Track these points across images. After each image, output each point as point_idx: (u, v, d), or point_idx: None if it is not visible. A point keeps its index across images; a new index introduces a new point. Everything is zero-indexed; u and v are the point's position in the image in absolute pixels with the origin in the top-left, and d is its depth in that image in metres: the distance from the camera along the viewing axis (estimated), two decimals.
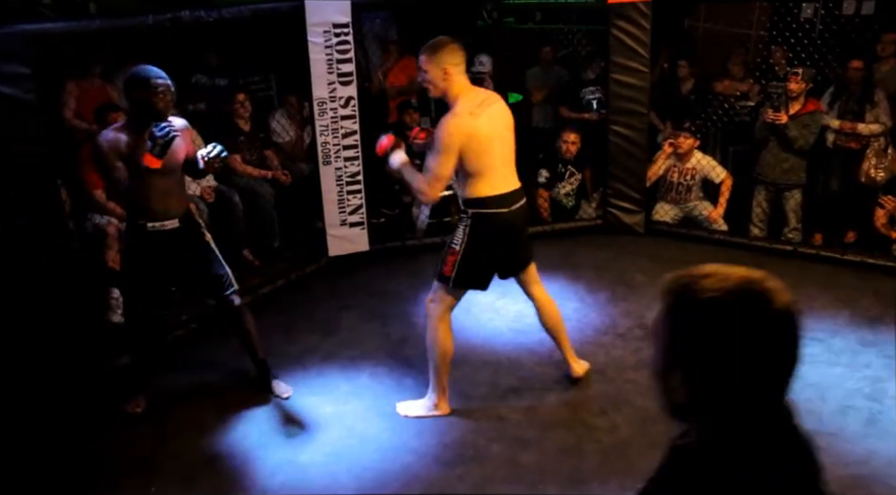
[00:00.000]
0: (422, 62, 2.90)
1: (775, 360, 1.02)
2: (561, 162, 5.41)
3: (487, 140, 2.91)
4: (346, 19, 4.49)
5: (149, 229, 3.10)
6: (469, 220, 2.99)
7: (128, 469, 3.02)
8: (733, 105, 5.45)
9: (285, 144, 5.24)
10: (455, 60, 2.88)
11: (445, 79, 2.87)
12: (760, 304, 1.02)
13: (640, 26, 4.87)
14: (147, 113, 2.98)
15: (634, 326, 4.04)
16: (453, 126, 2.86)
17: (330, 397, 3.46)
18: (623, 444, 3.08)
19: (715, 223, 5.17)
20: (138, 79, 2.99)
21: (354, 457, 3.04)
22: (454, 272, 3.00)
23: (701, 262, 4.10)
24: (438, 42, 2.90)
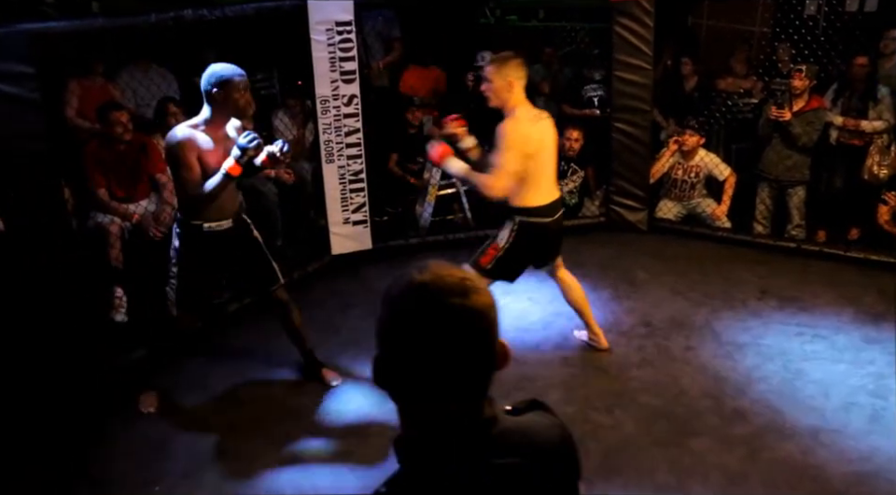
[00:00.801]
0: (488, 72, 3.13)
1: (443, 355, 0.99)
2: (563, 160, 5.39)
3: (539, 149, 3.17)
4: (349, 17, 4.49)
5: (206, 230, 3.09)
6: (515, 226, 3.24)
7: (130, 467, 3.03)
8: (736, 102, 5.45)
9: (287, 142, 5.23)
10: (520, 74, 3.14)
11: (509, 91, 3.11)
12: (430, 301, 0.99)
13: (643, 23, 4.86)
14: (228, 111, 2.96)
15: (637, 324, 4.04)
16: (513, 128, 3.10)
17: (333, 396, 3.46)
18: (626, 441, 3.08)
19: (718, 220, 5.17)
20: (219, 76, 2.93)
21: (358, 457, 3.04)
22: (491, 264, 3.25)
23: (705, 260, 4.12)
24: (506, 56, 3.17)
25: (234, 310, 4.23)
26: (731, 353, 3.71)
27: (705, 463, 2.94)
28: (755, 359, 3.65)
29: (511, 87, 3.11)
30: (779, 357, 3.65)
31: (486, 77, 3.15)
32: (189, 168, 2.90)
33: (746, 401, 3.31)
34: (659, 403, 3.33)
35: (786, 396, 3.34)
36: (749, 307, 4.17)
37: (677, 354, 3.74)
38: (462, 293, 1.00)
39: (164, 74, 5.04)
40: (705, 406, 3.29)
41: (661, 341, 3.86)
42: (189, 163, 2.90)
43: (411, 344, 0.99)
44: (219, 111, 2.96)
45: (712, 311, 4.15)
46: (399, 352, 1.00)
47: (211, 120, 2.97)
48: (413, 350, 0.99)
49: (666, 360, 3.69)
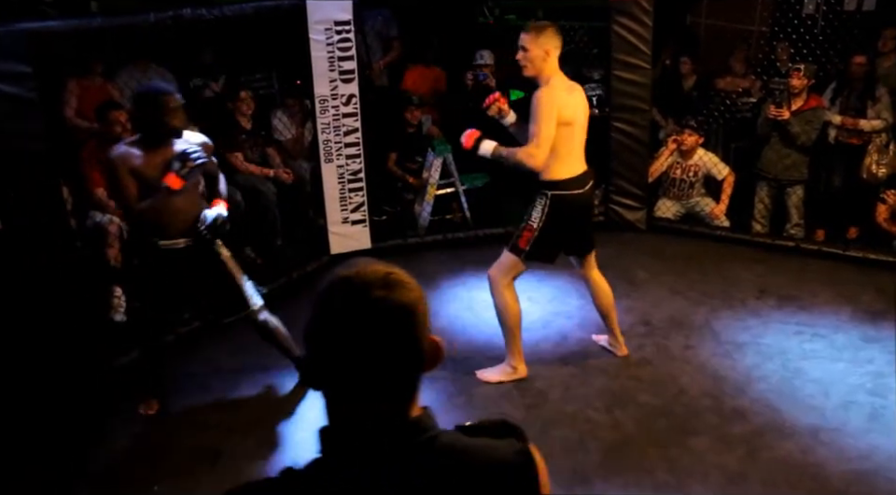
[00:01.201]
0: (525, 40, 3.09)
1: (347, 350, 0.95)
2: None
3: (573, 118, 3.14)
4: (348, 16, 4.49)
5: (161, 247, 3.05)
6: (547, 200, 3.19)
7: (130, 467, 3.03)
8: (735, 101, 5.45)
9: (286, 141, 5.24)
10: (556, 43, 3.12)
11: (545, 60, 3.09)
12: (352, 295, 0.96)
13: (642, 23, 4.86)
14: (161, 131, 2.94)
15: (636, 323, 4.04)
16: (549, 95, 3.07)
17: None
18: (626, 440, 3.09)
19: (717, 219, 5.17)
20: (148, 98, 2.94)
21: None
22: (528, 246, 3.24)
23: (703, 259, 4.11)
24: (543, 25, 3.15)
25: None
26: (730, 352, 3.71)
27: (704, 462, 2.94)
28: (754, 358, 3.65)
29: (548, 55, 3.09)
30: (778, 356, 3.66)
31: (523, 45, 3.10)
32: (123, 185, 2.90)
33: (745, 400, 3.32)
34: (658, 402, 3.34)
35: (785, 395, 3.34)
36: (747, 306, 4.17)
37: (676, 353, 3.74)
38: (386, 286, 0.97)
39: (163, 73, 5.02)
40: (704, 405, 3.29)
41: (660, 340, 3.86)
42: (124, 181, 2.89)
43: (333, 339, 0.96)
44: (154, 132, 2.95)
45: (711, 310, 4.15)
46: (323, 348, 0.97)
47: (147, 139, 2.97)
48: (335, 346, 0.96)
49: (666, 359, 3.69)
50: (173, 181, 2.89)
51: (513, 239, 3.31)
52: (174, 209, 3.00)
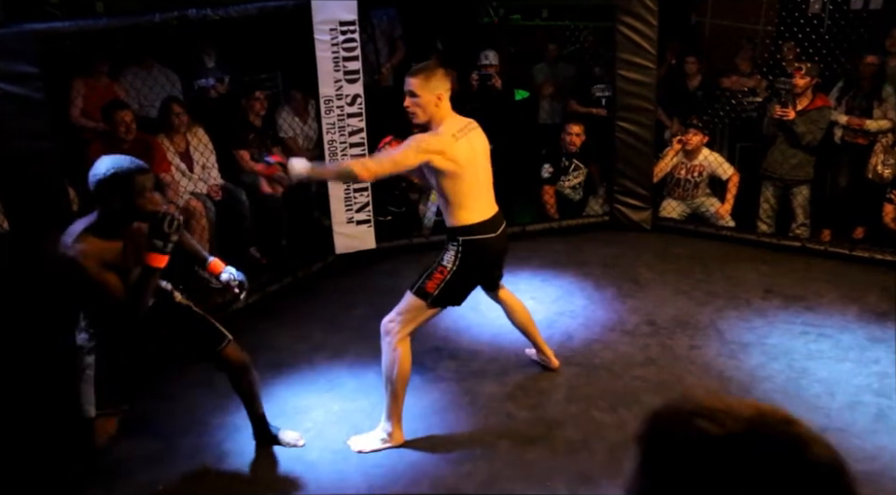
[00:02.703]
0: (414, 85, 2.82)
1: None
2: (565, 156, 5.39)
3: (468, 164, 2.90)
4: (352, 16, 4.48)
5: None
6: (460, 247, 2.95)
7: (135, 467, 3.03)
8: (740, 100, 5.43)
9: (291, 141, 5.25)
10: (447, 85, 2.89)
11: (437, 105, 2.85)
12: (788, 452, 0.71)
13: (647, 22, 4.86)
14: (132, 217, 2.48)
15: (641, 322, 4.04)
16: (428, 138, 2.85)
17: (338, 394, 3.47)
18: (630, 440, 3.07)
19: (722, 219, 5.16)
20: (117, 180, 2.39)
21: (362, 454, 3.04)
22: (437, 290, 2.95)
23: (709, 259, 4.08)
24: (431, 66, 2.89)
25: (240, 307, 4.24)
26: (735, 352, 3.70)
27: None
28: (760, 358, 3.64)
29: (440, 100, 2.85)
30: (784, 356, 3.65)
31: (412, 90, 2.82)
32: (101, 281, 2.42)
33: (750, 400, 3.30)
34: (663, 402, 3.32)
35: (791, 395, 3.33)
36: (753, 306, 4.16)
37: (681, 353, 3.73)
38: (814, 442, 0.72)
39: (168, 74, 5.05)
40: None
41: (665, 340, 3.86)
42: (99, 276, 2.42)
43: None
44: (119, 218, 2.46)
45: (716, 310, 4.14)
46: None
47: (106, 228, 2.46)
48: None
49: (671, 359, 3.68)
50: (157, 261, 2.47)
51: (420, 281, 2.98)
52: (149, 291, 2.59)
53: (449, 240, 3.00)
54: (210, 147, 4.76)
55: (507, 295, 3.44)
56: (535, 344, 3.57)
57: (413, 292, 2.98)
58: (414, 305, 2.98)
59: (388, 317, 3.02)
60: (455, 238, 2.97)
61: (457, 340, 3.89)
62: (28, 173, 3.27)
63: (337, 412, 3.33)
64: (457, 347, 3.83)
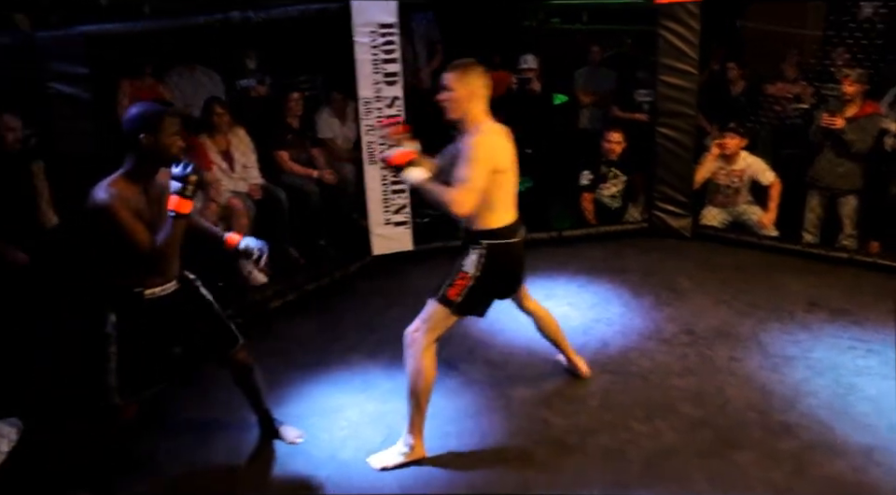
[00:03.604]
0: (450, 79, 2.82)
1: None
2: (605, 163, 5.34)
3: (507, 167, 2.89)
4: (392, 19, 4.51)
5: (147, 297, 2.62)
6: (484, 251, 2.90)
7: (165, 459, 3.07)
8: (785, 107, 5.32)
9: (330, 142, 5.29)
10: (484, 82, 2.86)
11: (470, 101, 2.83)
12: None
13: (689, 27, 4.79)
14: (158, 162, 2.53)
15: (679, 332, 3.97)
16: (484, 141, 2.80)
17: (372, 395, 3.48)
18: (668, 451, 3.02)
19: (765, 229, 5.05)
20: (146, 118, 2.48)
21: None
22: (460, 298, 2.90)
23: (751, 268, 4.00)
24: (469, 63, 2.86)
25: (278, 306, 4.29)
26: (778, 365, 3.61)
27: (749, 477, 2.86)
28: (804, 372, 3.55)
29: (474, 96, 2.82)
30: (830, 371, 3.54)
31: (447, 85, 2.82)
32: (130, 226, 2.45)
33: (794, 415, 3.22)
34: (701, 413, 3.26)
35: (837, 412, 3.23)
36: (797, 319, 4.06)
37: (720, 364, 3.65)
38: None
39: (211, 75, 5.13)
40: (749, 419, 3.20)
41: (704, 350, 3.78)
42: (128, 221, 2.44)
43: None
44: (147, 160, 2.51)
45: (758, 322, 4.05)
46: None
47: (136, 172, 2.52)
48: None
49: (710, 369, 3.61)
50: (182, 205, 2.48)
51: (442, 289, 2.92)
52: (171, 247, 2.58)
53: (472, 244, 2.94)
54: (251, 147, 4.82)
55: (536, 306, 3.41)
56: (564, 353, 3.54)
57: (435, 300, 2.93)
58: (438, 313, 2.93)
59: (412, 326, 2.98)
60: (479, 242, 2.92)
61: (491, 343, 3.87)
62: (76, 171, 3.35)
63: (371, 412, 3.34)
64: (491, 351, 3.81)
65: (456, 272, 2.92)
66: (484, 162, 2.76)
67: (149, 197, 2.55)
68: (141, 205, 2.50)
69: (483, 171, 2.75)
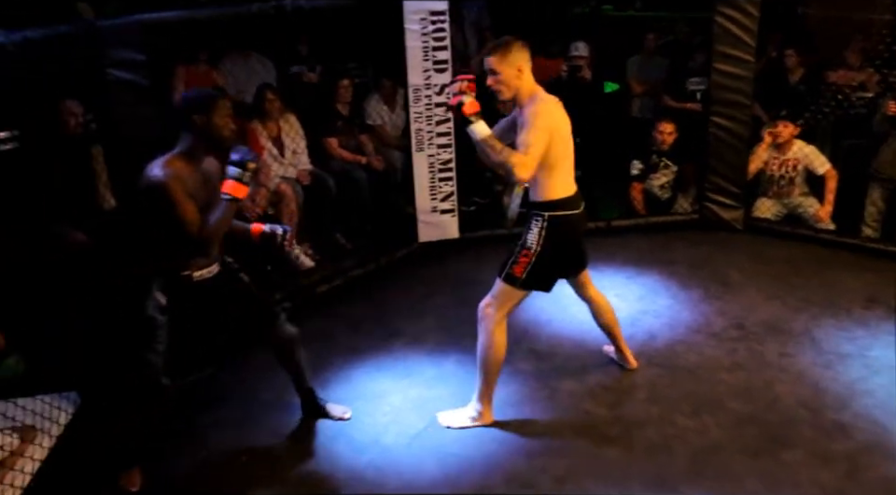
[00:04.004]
0: (492, 63, 2.82)
1: None
2: (655, 154, 5.25)
3: (565, 136, 2.92)
4: (443, 6, 4.50)
5: (195, 279, 2.70)
6: (544, 222, 2.94)
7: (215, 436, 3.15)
8: (848, 96, 5.12)
9: (379, 128, 5.32)
10: (526, 56, 2.86)
11: (519, 78, 2.84)
12: None
13: (747, 13, 4.64)
14: (210, 143, 2.61)
15: (729, 326, 3.89)
16: (545, 108, 2.83)
17: (416, 381, 3.50)
18: (714, 447, 2.97)
19: (822, 222, 4.89)
20: (200, 101, 2.58)
21: (437, 442, 3.07)
22: (524, 273, 2.95)
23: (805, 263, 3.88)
24: (507, 41, 2.85)
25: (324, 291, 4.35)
26: (832, 363, 3.51)
27: (798, 477, 2.79)
28: (860, 371, 3.44)
29: (521, 72, 2.83)
30: (888, 370, 3.42)
31: (492, 68, 2.82)
32: (183, 205, 2.51)
33: (848, 415, 3.12)
34: (750, 409, 3.20)
35: (893, 413, 3.12)
36: (853, 316, 3.93)
37: (771, 360, 3.57)
38: None
39: (264, 62, 5.21)
40: (801, 417, 3.12)
41: (754, 345, 3.70)
42: (182, 200, 2.51)
43: None
44: (199, 141, 2.60)
45: (812, 317, 3.93)
46: None
47: (189, 153, 2.59)
48: None
49: (760, 365, 3.53)
50: (236, 189, 2.57)
51: (507, 266, 2.98)
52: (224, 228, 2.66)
53: (533, 216, 2.98)
54: (301, 133, 4.88)
55: (595, 294, 3.39)
56: (616, 344, 3.52)
57: (501, 279, 3.01)
58: (505, 290, 3.01)
59: (485, 300, 3.06)
60: (541, 213, 2.95)
61: (538, 334, 3.86)
62: (134, 154, 3.44)
63: (414, 398, 3.36)
64: (538, 341, 3.80)
65: (520, 249, 2.98)
66: (545, 130, 2.79)
67: (199, 179, 2.61)
68: (193, 186, 2.56)
69: (544, 138, 2.79)
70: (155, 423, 2.90)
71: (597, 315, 3.42)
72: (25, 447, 2.53)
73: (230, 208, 2.59)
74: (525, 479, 2.84)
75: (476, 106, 2.82)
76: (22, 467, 2.45)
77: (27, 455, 2.51)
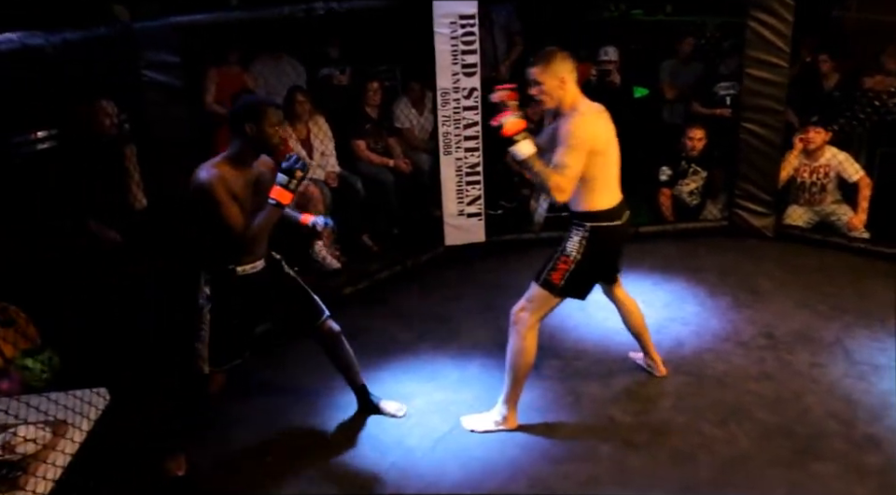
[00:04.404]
0: (535, 73, 2.84)
1: None
2: (685, 160, 5.20)
3: (607, 147, 2.91)
4: (472, 10, 4.51)
5: (239, 274, 2.80)
6: (586, 233, 2.94)
7: (246, 436, 3.19)
8: (885, 102, 5.03)
9: (407, 131, 5.34)
10: (569, 66, 2.87)
11: (562, 88, 2.85)
12: None
13: (781, 17, 4.58)
14: (259, 149, 2.71)
15: (758, 334, 3.83)
16: (582, 123, 2.81)
17: (440, 384, 3.51)
18: (741, 457, 2.93)
19: (855, 230, 4.80)
20: (252, 108, 2.67)
21: (461, 445, 3.06)
22: (563, 281, 2.95)
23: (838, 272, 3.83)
24: (550, 52, 2.87)
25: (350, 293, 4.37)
26: (865, 374, 3.44)
27: (829, 490, 2.74)
28: (894, 383, 3.36)
29: (564, 83, 2.83)
30: None
31: (534, 79, 2.84)
32: (227, 206, 2.62)
33: (881, 428, 3.06)
34: (778, 420, 3.15)
35: None
36: (887, 327, 3.85)
37: (801, 370, 3.51)
38: None
39: (295, 64, 5.26)
40: (832, 429, 3.07)
41: (784, 355, 3.64)
42: (226, 202, 2.61)
43: None
44: (249, 147, 2.69)
45: (844, 327, 3.86)
46: None
47: (238, 157, 2.70)
48: None
49: (789, 375, 3.47)
50: (283, 196, 2.67)
51: (545, 272, 2.98)
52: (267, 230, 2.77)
53: (575, 225, 2.99)
54: (329, 135, 4.92)
55: (625, 297, 3.37)
56: (645, 349, 3.49)
57: (538, 284, 3.00)
58: (541, 296, 3.00)
59: (518, 304, 3.06)
60: (583, 224, 2.96)
61: (563, 339, 3.84)
62: (166, 154, 3.50)
63: (439, 401, 3.37)
64: (562, 347, 3.78)
65: (559, 255, 2.98)
66: (581, 147, 2.79)
67: (247, 182, 2.72)
68: (239, 189, 2.67)
69: (580, 156, 2.79)
70: (198, 410, 3.01)
71: (626, 318, 3.40)
72: (57, 441, 2.58)
73: (273, 212, 2.70)
74: (548, 484, 2.83)
75: (518, 125, 2.83)
76: (54, 460, 2.50)
77: (59, 449, 2.55)
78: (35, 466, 2.45)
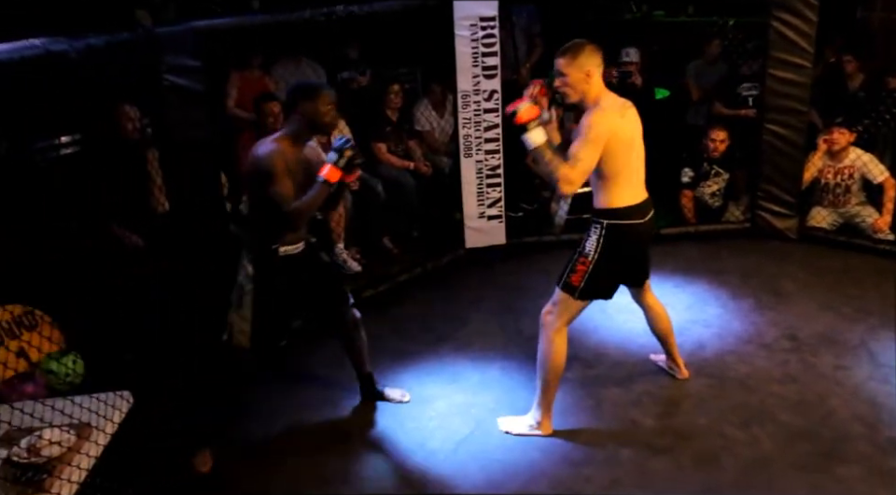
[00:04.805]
0: (561, 65, 2.80)
1: None
2: (707, 161, 5.16)
3: (629, 143, 2.86)
4: (493, 12, 4.51)
5: (281, 254, 2.91)
6: (603, 231, 2.90)
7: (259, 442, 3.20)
8: None
9: (427, 134, 5.35)
10: (597, 61, 2.82)
11: (587, 82, 2.81)
12: None
13: (805, 17, 4.53)
14: (314, 127, 2.86)
15: (781, 337, 3.79)
16: (601, 119, 2.77)
17: (461, 387, 3.51)
18: (764, 460, 2.90)
19: (880, 232, 4.74)
20: (307, 90, 2.86)
21: (481, 447, 3.06)
22: (582, 282, 2.92)
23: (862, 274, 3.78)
24: (578, 44, 2.83)
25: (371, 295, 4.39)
26: (890, 377, 3.39)
27: (852, 493, 2.71)
28: None
29: (590, 76, 2.78)
30: None
31: (560, 70, 2.80)
32: (281, 183, 2.72)
33: None
34: (802, 423, 3.11)
35: None
36: None
37: (825, 372, 3.47)
38: None
39: (315, 67, 5.28)
40: (856, 432, 3.03)
41: (807, 357, 3.60)
42: (281, 178, 2.72)
43: None
44: (304, 125, 2.84)
45: (869, 329, 3.81)
46: None
47: (294, 135, 2.84)
48: None
49: (813, 377, 3.43)
50: (332, 174, 2.77)
51: (565, 274, 2.96)
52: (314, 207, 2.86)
53: (592, 223, 2.95)
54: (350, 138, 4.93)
55: (653, 301, 3.33)
56: (668, 352, 3.46)
57: (559, 287, 2.99)
58: (564, 299, 2.98)
59: (546, 307, 3.05)
60: (599, 221, 2.92)
61: (584, 342, 3.82)
62: (188, 159, 3.53)
63: (460, 404, 3.37)
64: (583, 349, 3.76)
65: (577, 257, 2.95)
66: (597, 142, 2.74)
67: (299, 161, 2.86)
68: (293, 165, 2.80)
69: (595, 150, 2.75)
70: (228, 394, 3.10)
71: (653, 322, 3.36)
72: (81, 444, 2.60)
73: (321, 190, 2.79)
74: (569, 488, 2.82)
75: (533, 112, 2.79)
76: (79, 463, 2.53)
77: (83, 451, 2.58)
78: (60, 469, 2.47)
